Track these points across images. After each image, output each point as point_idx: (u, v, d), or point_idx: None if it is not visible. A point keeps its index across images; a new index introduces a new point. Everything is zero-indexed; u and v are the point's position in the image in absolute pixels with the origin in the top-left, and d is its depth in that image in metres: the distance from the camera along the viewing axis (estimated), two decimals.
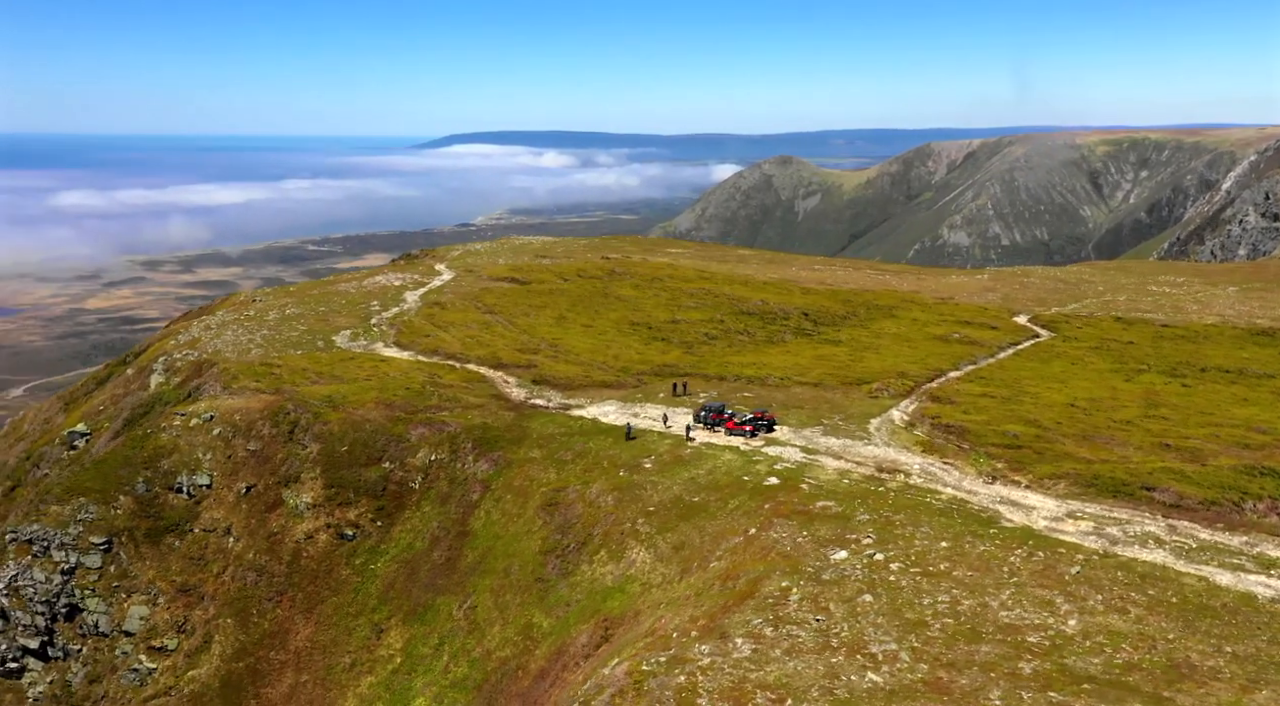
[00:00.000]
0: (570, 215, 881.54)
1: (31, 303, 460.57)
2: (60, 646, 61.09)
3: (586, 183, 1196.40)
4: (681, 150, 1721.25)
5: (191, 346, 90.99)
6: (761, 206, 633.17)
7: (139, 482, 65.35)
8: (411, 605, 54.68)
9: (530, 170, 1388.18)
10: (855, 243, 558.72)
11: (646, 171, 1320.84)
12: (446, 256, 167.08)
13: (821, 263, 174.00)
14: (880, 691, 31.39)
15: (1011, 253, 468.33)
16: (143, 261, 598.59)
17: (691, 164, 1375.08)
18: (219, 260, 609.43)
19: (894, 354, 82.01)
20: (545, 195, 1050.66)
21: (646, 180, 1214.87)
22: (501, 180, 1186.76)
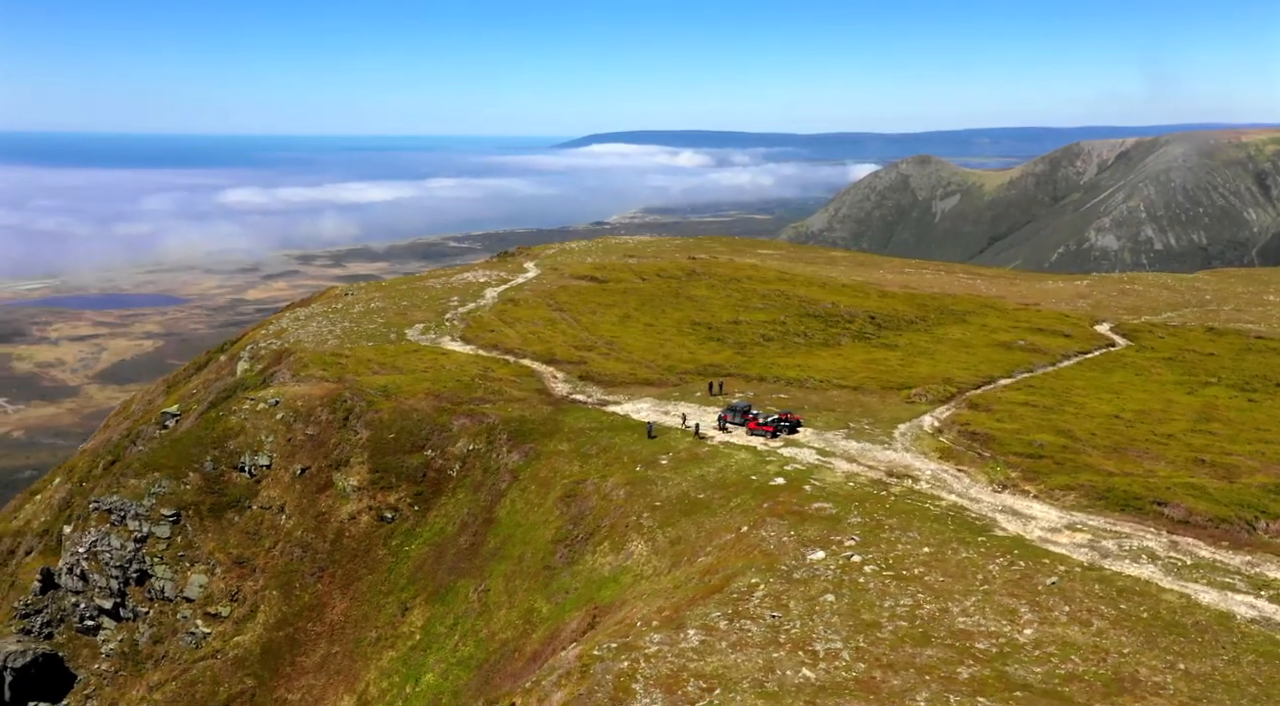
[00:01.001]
0: (704, 214, 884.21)
1: (198, 293, 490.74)
2: (130, 608, 66.45)
3: (721, 182, 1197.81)
4: (819, 149, 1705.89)
5: (277, 336, 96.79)
6: (897, 207, 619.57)
7: (208, 461, 70.40)
8: (435, 586, 57.51)
9: (666, 169, 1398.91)
10: (994, 245, 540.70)
11: (782, 171, 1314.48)
12: (540, 255, 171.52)
13: (913, 266, 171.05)
14: (809, 687, 32.15)
15: (1165, 257, 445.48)
16: (298, 255, 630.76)
17: (828, 164, 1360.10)
18: (367, 255, 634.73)
19: (948, 360, 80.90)
20: (680, 194, 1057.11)
21: (781, 180, 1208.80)
22: (638, 179, 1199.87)
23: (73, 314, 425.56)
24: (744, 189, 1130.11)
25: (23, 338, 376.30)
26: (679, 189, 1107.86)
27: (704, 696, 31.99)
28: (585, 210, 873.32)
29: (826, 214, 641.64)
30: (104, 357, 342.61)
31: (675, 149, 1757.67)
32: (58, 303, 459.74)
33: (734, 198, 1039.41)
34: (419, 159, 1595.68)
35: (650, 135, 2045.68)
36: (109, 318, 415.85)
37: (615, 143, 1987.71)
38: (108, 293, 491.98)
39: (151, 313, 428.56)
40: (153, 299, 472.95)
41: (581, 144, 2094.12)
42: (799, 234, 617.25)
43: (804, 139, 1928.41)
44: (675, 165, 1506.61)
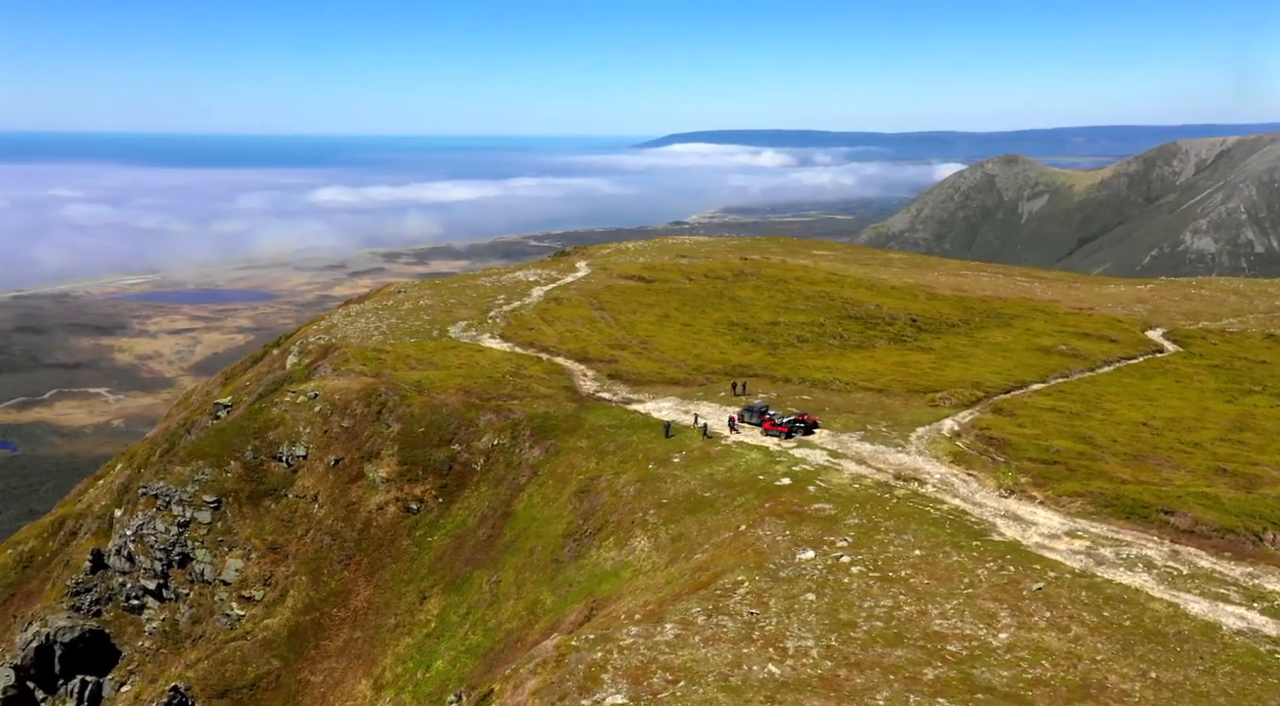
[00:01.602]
0: (784, 214, 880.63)
1: (288, 289, 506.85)
2: (173, 589, 69.59)
3: (802, 182, 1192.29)
4: (903, 149, 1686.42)
5: (326, 331, 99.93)
6: (981, 208, 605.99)
7: (248, 450, 73.28)
8: (452, 577, 59.16)
9: (747, 169, 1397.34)
10: (1083, 248, 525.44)
11: (864, 171, 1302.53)
12: (594, 255, 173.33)
13: (970, 268, 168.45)
14: (772, 682, 32.71)
15: (1266, 261, 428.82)
16: (383, 253, 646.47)
17: (913, 163, 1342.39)
18: (449, 253, 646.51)
19: (981, 363, 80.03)
20: (759, 194, 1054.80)
21: (864, 179, 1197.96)
22: (718, 179, 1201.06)
23: (171, 308, 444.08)
24: (825, 189, 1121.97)
25: (124, 331, 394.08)
26: (759, 189, 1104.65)
27: (668, 687, 32.76)
28: (664, 210, 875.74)
29: (908, 215, 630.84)
30: (198, 351, 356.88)
31: (757, 148, 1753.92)
32: (157, 297, 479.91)
33: (815, 198, 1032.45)
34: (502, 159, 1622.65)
35: (731, 135, 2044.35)
36: (204, 312, 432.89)
37: (696, 142, 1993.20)
38: (204, 288, 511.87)
39: (243, 308, 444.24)
40: (245, 294, 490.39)
41: (662, 144, 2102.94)
42: (879, 235, 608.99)
43: (889, 138, 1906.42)
44: (756, 165, 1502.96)
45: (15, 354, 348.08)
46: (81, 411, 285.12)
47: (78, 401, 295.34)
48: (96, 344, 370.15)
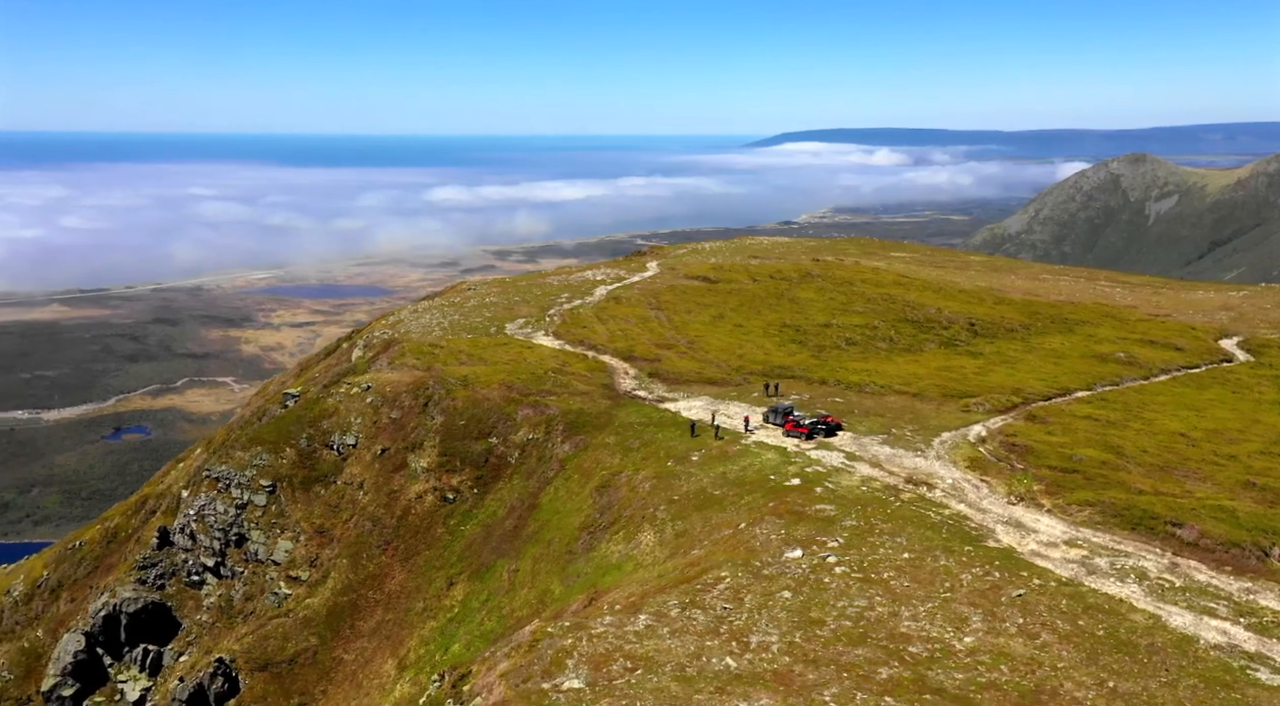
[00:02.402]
0: (896, 214, 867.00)
1: (403, 285, 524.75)
2: (229, 567, 73.71)
3: (917, 181, 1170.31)
4: (1025, 147, 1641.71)
5: (391, 327, 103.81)
6: (1104, 209, 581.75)
7: (303, 438, 77.05)
8: (478, 564, 61.43)
9: (859, 168, 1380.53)
10: (1215, 252, 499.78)
11: (983, 170, 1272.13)
12: (669, 254, 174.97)
13: (1051, 272, 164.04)
14: (726, 674, 33.66)
15: None
16: (494, 251, 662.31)
17: (1035, 162, 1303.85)
18: (557, 251, 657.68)
19: (1029, 369, 78.61)
20: (871, 194, 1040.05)
21: (981, 179, 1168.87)
22: (829, 178, 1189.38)
23: (293, 302, 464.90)
24: (941, 188, 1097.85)
25: (250, 323, 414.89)
26: (871, 188, 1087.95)
27: (626, 675, 34.02)
28: (773, 209, 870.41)
29: (1025, 215, 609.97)
30: (317, 343, 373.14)
31: (870, 147, 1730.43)
32: (281, 291, 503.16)
33: (929, 197, 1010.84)
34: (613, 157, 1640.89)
35: (845, 133, 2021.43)
36: (324, 306, 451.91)
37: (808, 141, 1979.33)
38: (325, 283, 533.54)
39: (361, 302, 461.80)
40: (363, 290, 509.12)
41: (774, 143, 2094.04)
42: (994, 236, 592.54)
43: (1009, 136, 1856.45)
44: (869, 164, 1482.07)
45: (152, 344, 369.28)
46: (209, 399, 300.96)
47: (206, 389, 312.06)
48: (225, 335, 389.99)
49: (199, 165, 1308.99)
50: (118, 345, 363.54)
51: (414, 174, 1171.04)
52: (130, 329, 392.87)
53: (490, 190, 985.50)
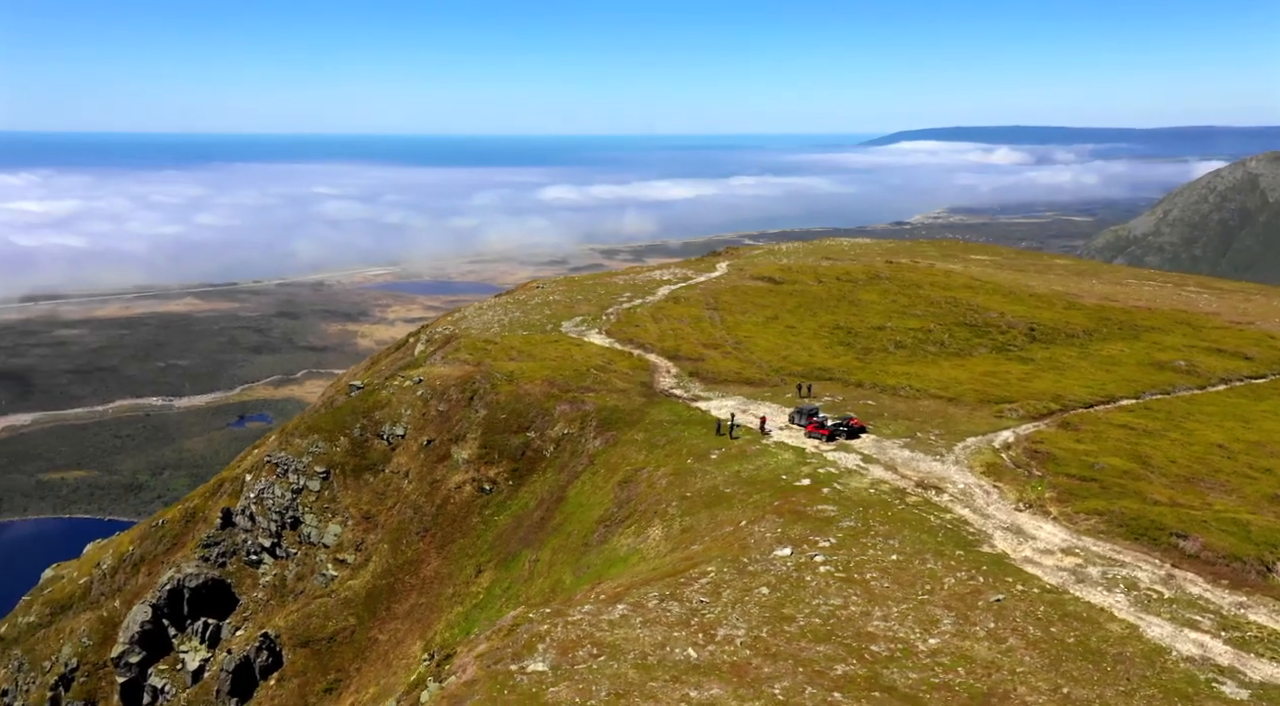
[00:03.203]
0: (1014, 215, 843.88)
1: (513, 282, 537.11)
2: (284, 548, 77.69)
3: (1038, 181, 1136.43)
4: (1157, 145, 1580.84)
5: (454, 323, 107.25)
6: (1240, 210, 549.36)
7: (357, 428, 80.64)
8: (505, 554, 63.62)
9: (977, 167, 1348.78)
10: None
11: (1109, 169, 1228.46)
12: (744, 254, 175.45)
13: (1138, 277, 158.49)
14: (684, 664, 34.82)
15: None
16: (602, 250, 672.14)
17: (1167, 161, 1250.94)
18: (664, 250, 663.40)
19: (1078, 376, 76.93)
20: (989, 194, 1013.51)
21: (1108, 178, 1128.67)
22: (945, 178, 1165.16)
23: (408, 297, 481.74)
24: (1063, 188, 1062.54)
25: (366, 317, 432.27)
26: (988, 188, 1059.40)
27: (589, 661, 35.47)
28: (885, 209, 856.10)
29: (1153, 217, 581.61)
30: None
31: (989, 146, 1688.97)
32: (396, 287, 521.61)
33: (1050, 198, 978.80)
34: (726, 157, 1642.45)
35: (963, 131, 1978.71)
36: (436, 302, 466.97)
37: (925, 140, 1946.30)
38: (438, 280, 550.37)
39: (472, 299, 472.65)
40: (474, 287, 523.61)
41: (889, 141, 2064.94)
42: (1117, 239, 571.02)
43: (1139, 133, 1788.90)
44: (988, 163, 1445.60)
45: (275, 337, 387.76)
46: None
47: (324, 381, 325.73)
48: (343, 329, 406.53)
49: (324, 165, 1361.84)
50: (244, 337, 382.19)
51: (527, 173, 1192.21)
52: (256, 322, 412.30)
53: (600, 189, 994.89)
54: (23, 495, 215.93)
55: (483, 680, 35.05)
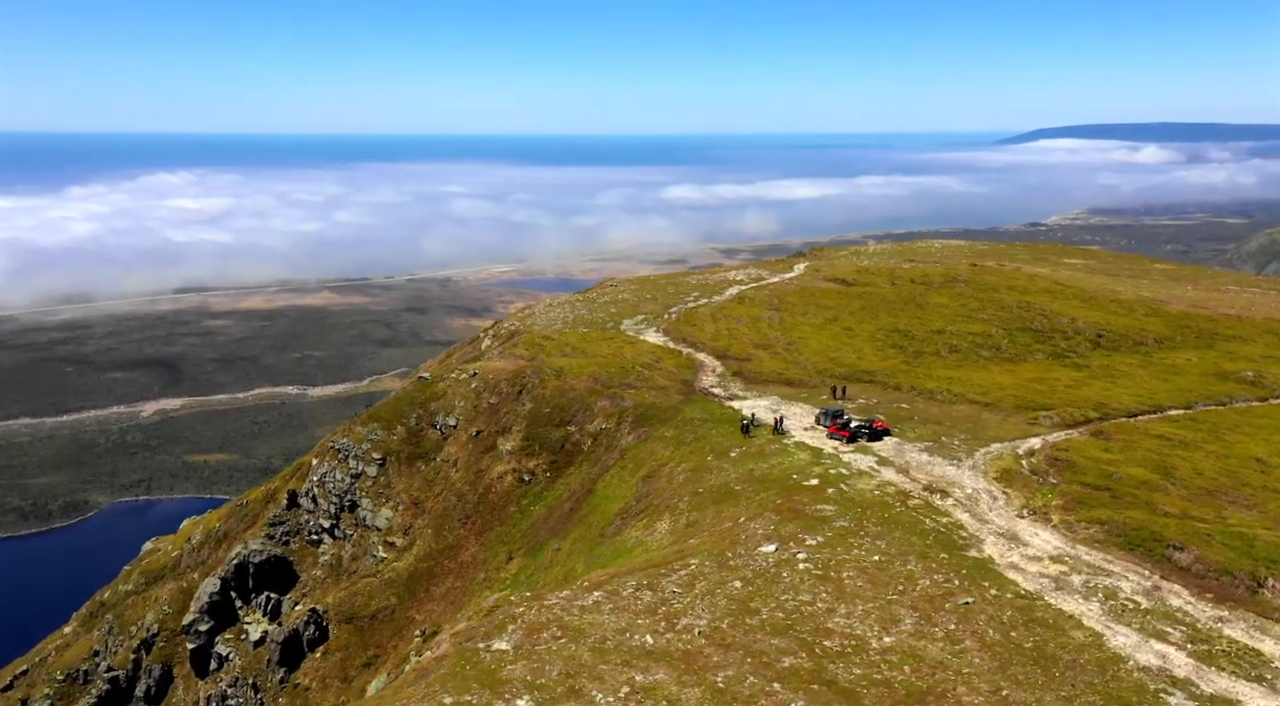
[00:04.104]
0: (1160, 217, 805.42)
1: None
2: (342, 530, 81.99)
3: (1188, 181, 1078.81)
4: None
5: (521, 320, 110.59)
6: None
7: (413, 418, 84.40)
8: (535, 542, 66.03)
9: (1121, 167, 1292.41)
10: None
11: (1269, 168, 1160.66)
12: (825, 256, 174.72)
13: (1241, 282, 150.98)
14: (639, 650, 36.38)
15: None
16: (723, 249, 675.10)
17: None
18: (784, 250, 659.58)
19: (1130, 385, 74.85)
20: (1132, 194, 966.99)
21: (1267, 178, 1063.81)
22: (1085, 177, 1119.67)
23: (530, 294, 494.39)
24: (1216, 188, 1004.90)
25: (490, 313, 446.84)
26: (1132, 188, 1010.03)
27: (551, 642, 37.35)
28: (1019, 210, 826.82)
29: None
30: None
31: (1135, 144, 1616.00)
32: (520, 284, 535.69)
33: (1201, 198, 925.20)
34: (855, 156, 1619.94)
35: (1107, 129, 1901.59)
36: None
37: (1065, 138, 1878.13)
38: (560, 277, 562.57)
39: None
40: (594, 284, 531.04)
41: (1026, 139, 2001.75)
42: (1273, 242, 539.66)
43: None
44: (1132, 162, 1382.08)
45: (403, 331, 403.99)
46: None
47: None
48: (467, 324, 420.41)
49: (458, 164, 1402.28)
50: (373, 331, 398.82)
51: (652, 172, 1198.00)
52: (385, 316, 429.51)
53: (724, 189, 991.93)
54: (170, 475, 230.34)
55: (452, 655, 37.28)
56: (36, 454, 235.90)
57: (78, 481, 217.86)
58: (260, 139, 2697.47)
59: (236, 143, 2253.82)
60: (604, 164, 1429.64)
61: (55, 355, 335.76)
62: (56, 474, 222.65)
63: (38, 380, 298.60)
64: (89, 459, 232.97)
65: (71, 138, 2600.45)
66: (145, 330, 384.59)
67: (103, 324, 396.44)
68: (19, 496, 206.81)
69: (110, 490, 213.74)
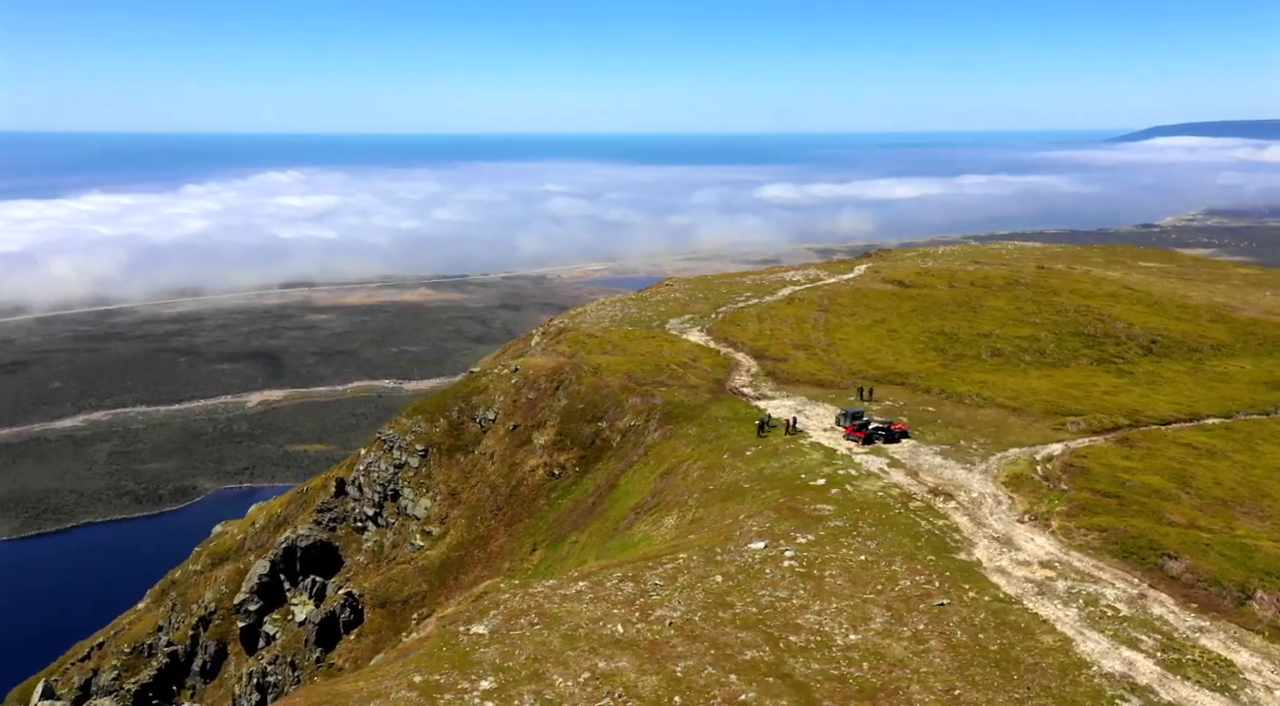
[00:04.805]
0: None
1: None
2: (384, 518, 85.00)
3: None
4: None
5: (571, 318, 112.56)
6: None
7: (455, 411, 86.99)
8: (557, 534, 67.72)
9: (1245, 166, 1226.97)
10: None
11: None
12: (891, 257, 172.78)
13: None
14: (608, 638, 37.66)
15: None
16: (817, 249, 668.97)
17: None
18: None
19: (1172, 392, 72.99)
20: (1256, 194, 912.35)
21: None
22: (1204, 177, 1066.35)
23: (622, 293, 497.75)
24: None
25: None
26: (1256, 188, 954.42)
27: (526, 628, 38.88)
28: (1131, 211, 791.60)
29: None
30: None
31: (1262, 142, 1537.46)
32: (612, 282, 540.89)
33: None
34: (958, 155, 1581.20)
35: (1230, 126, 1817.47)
36: None
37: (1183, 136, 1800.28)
38: (652, 275, 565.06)
39: None
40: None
41: (1141, 137, 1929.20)
42: None
43: None
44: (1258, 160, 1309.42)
45: (496, 327, 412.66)
46: None
47: None
48: None
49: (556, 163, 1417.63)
50: (467, 327, 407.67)
51: (748, 171, 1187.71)
52: (479, 313, 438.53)
53: (820, 188, 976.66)
54: (272, 464, 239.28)
55: (434, 637, 39.05)
56: (150, 441, 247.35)
57: (187, 467, 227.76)
58: (369, 138, 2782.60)
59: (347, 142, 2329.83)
60: (699, 163, 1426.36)
61: (169, 346, 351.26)
62: (168, 460, 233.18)
63: (153, 370, 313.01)
64: (197, 446, 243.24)
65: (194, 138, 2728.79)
66: (252, 323, 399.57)
67: (213, 317, 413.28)
68: (133, 480, 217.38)
69: (216, 477, 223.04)
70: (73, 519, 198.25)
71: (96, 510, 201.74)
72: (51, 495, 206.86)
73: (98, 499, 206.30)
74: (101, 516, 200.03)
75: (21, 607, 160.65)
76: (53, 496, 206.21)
